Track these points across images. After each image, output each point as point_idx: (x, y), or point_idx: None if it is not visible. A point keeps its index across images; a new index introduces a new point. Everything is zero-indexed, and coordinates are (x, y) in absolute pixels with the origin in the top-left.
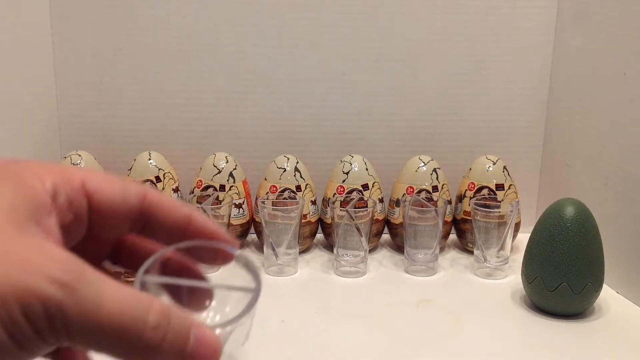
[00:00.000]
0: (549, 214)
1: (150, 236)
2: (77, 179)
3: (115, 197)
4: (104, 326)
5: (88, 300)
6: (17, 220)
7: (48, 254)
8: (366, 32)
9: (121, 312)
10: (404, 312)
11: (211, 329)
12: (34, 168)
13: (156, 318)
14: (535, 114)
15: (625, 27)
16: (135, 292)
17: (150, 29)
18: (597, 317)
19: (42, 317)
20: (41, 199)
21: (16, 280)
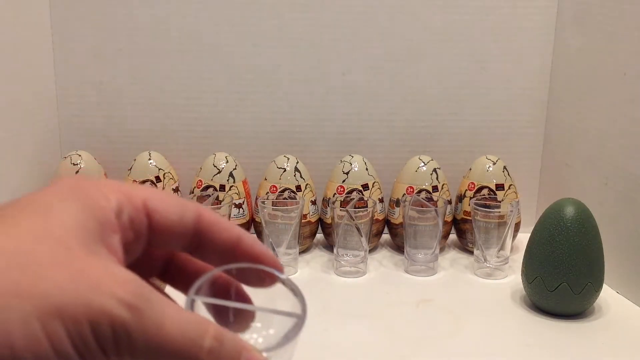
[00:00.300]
0: (549, 214)
1: (200, 254)
2: (139, 197)
3: (173, 216)
4: (164, 347)
5: (151, 322)
6: (86, 241)
7: (116, 275)
8: (366, 32)
9: (180, 335)
10: (404, 312)
11: (260, 353)
12: (101, 187)
13: (211, 342)
14: (535, 114)
15: (625, 27)
16: (194, 316)
17: (150, 29)
18: (597, 317)
19: (109, 336)
20: (107, 217)
21: (88, 300)
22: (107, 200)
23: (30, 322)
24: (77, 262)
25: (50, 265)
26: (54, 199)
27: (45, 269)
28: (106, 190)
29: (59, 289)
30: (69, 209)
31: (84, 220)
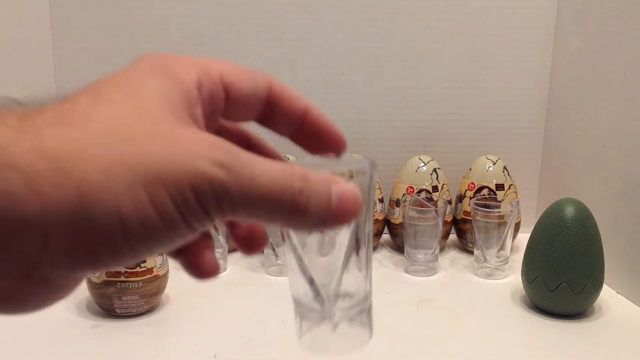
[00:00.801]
0: (549, 214)
1: (270, 124)
2: (217, 71)
3: (248, 88)
4: (260, 196)
5: (245, 176)
6: (175, 112)
7: (206, 140)
8: (366, 32)
9: (271, 182)
10: (404, 312)
11: (349, 183)
12: (181, 62)
13: (299, 183)
14: (535, 114)
15: (625, 27)
16: (281, 165)
17: (150, 29)
18: (597, 317)
19: (210, 195)
20: (190, 91)
21: (187, 164)
22: (189, 74)
23: (135, 189)
24: (170, 133)
25: (147, 137)
26: (142, 75)
27: (143, 141)
28: (187, 65)
29: (158, 157)
30: (157, 84)
31: (171, 93)
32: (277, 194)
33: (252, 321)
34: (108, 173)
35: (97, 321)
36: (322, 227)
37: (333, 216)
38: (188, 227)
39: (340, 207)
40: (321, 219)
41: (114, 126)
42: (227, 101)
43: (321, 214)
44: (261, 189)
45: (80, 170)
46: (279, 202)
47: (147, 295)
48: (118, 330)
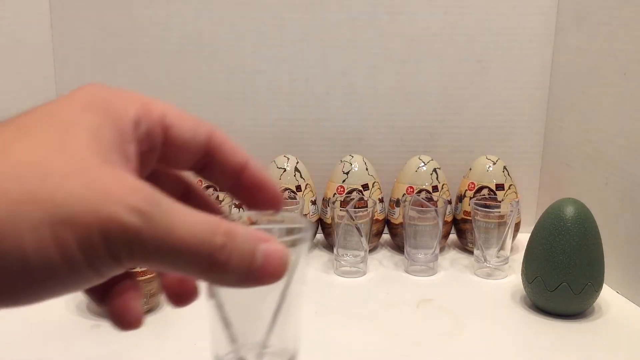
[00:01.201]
0: (549, 214)
1: (207, 175)
2: (158, 111)
3: (188, 133)
4: (177, 249)
5: (162, 226)
6: (101, 151)
7: (127, 183)
8: (366, 32)
9: (192, 235)
10: (404, 312)
11: (278, 244)
12: (120, 96)
13: (222, 239)
14: (535, 114)
15: (625, 27)
16: (204, 216)
17: (150, 29)
18: (597, 317)
19: (121, 243)
20: (125, 127)
21: (100, 207)
22: (126, 110)
23: (40, 228)
24: (91, 173)
25: (65, 176)
26: (73, 109)
27: (59, 179)
28: (126, 101)
29: (71, 197)
30: (88, 120)
31: (102, 131)
32: (195, 247)
33: None
34: (15, 208)
35: (97, 321)
36: (243, 285)
37: (255, 276)
38: (94, 272)
39: (264, 268)
40: (242, 278)
41: (31, 162)
42: (166, 143)
43: (242, 273)
44: (179, 240)
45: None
46: (196, 256)
47: (147, 295)
48: (118, 330)
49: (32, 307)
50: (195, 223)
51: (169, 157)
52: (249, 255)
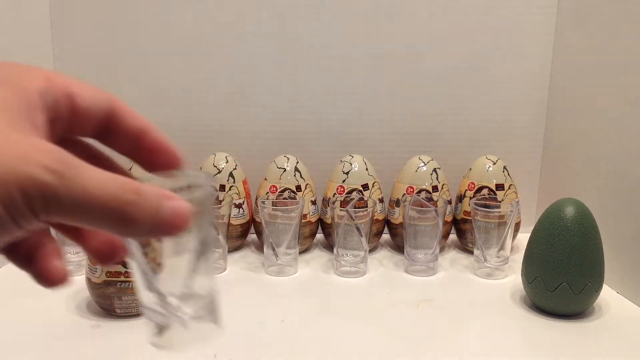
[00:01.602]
0: (549, 214)
1: (110, 141)
2: (61, 82)
3: (90, 99)
4: (90, 205)
5: (76, 184)
6: (11, 119)
7: (41, 147)
8: (366, 32)
9: (104, 192)
10: (404, 312)
11: (180, 199)
12: (25, 70)
13: (131, 196)
14: (535, 114)
15: (625, 26)
16: (114, 176)
17: (150, 29)
18: (597, 317)
19: (38, 200)
20: (31, 98)
21: (16, 169)
22: (31, 82)
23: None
24: (2, 137)
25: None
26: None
27: None
28: (31, 73)
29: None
30: None
31: (9, 102)
32: (107, 203)
33: (252, 321)
34: None
35: (97, 321)
36: (152, 236)
37: (162, 228)
38: (17, 226)
39: (169, 220)
40: (150, 230)
41: None
42: (71, 111)
43: (150, 225)
44: (91, 197)
45: None
46: (108, 211)
47: None
48: (118, 330)
49: (31, 307)
50: (107, 181)
51: (74, 125)
52: (155, 210)
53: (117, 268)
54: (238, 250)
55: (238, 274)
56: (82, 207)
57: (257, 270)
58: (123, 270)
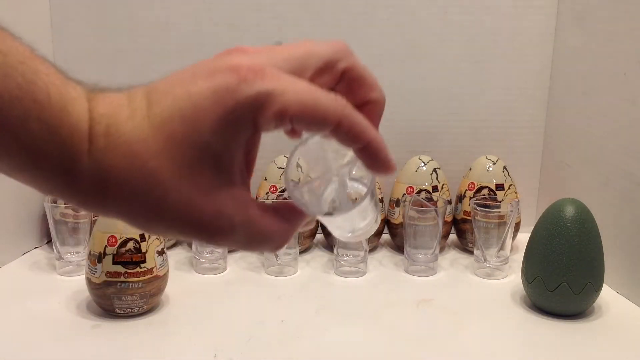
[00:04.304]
0: (549, 214)
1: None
2: (288, 117)
3: (314, 127)
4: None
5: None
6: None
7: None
8: (366, 32)
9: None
10: (404, 312)
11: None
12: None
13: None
14: (535, 114)
15: (625, 27)
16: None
17: (150, 29)
18: (597, 317)
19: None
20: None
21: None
22: (258, 124)
23: None
24: (195, 194)
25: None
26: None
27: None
28: (263, 109)
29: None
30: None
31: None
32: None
33: (252, 321)
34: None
35: (97, 321)
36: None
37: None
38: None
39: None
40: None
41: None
42: None
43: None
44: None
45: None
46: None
47: (147, 295)
48: (118, 330)
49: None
50: (269, 242)
51: None
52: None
53: (117, 268)
54: (238, 250)
55: (238, 274)
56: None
57: (257, 270)
58: (123, 270)
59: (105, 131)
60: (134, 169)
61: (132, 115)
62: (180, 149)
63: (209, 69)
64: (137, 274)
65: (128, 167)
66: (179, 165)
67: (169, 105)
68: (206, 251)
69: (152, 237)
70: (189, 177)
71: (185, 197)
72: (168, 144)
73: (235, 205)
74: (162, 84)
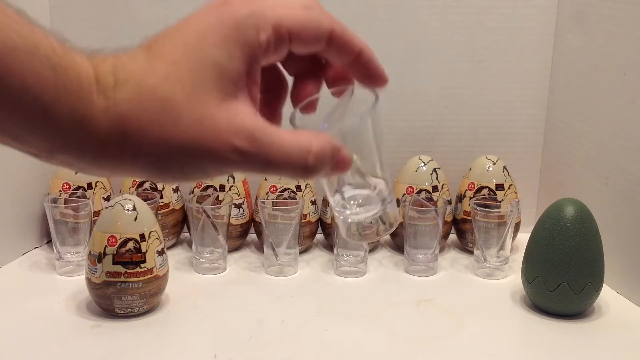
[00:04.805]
0: (549, 214)
1: (324, 56)
2: (285, 28)
3: (311, 39)
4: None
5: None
6: (223, 87)
7: (233, 124)
8: (366, 32)
9: (287, 163)
10: (404, 312)
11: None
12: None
13: (310, 161)
14: (535, 114)
15: (625, 27)
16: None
17: (150, 29)
18: (597, 317)
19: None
20: (253, 54)
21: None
22: (257, 38)
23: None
24: (207, 108)
25: (184, 106)
26: (208, 34)
27: (179, 110)
28: (257, 24)
29: (187, 130)
30: (216, 54)
31: (229, 66)
32: (288, 169)
33: (252, 321)
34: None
35: (97, 321)
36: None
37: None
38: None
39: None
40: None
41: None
42: (289, 54)
43: (322, 174)
44: (274, 167)
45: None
46: (289, 172)
47: (147, 295)
48: (118, 330)
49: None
50: (290, 151)
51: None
52: (330, 163)
53: (117, 268)
54: (238, 250)
55: (238, 274)
56: (266, 172)
57: (257, 270)
58: (123, 270)
59: (113, 70)
60: (145, 99)
61: (134, 56)
62: (185, 70)
63: (200, 12)
64: (137, 274)
65: (139, 99)
66: (186, 85)
67: (170, 40)
68: (206, 251)
69: (152, 237)
70: (198, 95)
71: (197, 114)
72: (173, 68)
73: (247, 113)
74: (158, 36)
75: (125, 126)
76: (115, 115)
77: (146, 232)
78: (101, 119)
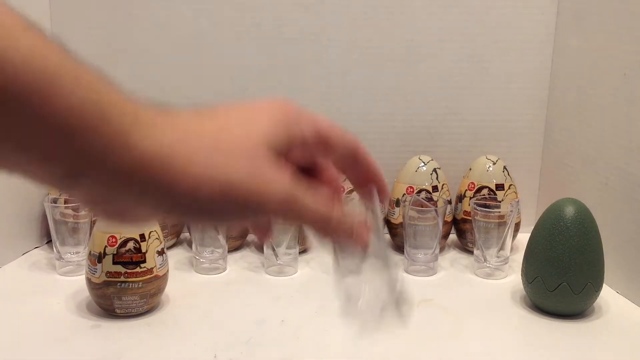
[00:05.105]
0: (549, 214)
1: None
2: (323, 134)
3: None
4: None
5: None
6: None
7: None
8: (366, 32)
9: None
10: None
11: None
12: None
13: (335, 221)
14: (535, 114)
15: (625, 27)
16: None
17: (150, 29)
18: (597, 317)
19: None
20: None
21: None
22: (301, 129)
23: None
24: (258, 161)
25: (239, 155)
26: (264, 111)
27: (233, 156)
28: (304, 123)
29: (241, 169)
30: (269, 125)
31: (277, 137)
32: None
33: (252, 321)
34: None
35: (97, 321)
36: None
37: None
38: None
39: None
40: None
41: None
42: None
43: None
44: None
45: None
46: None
47: (147, 295)
48: (118, 330)
49: (31, 307)
50: (318, 210)
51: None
52: (349, 229)
53: (117, 268)
54: (238, 250)
55: (238, 274)
56: (298, 222)
57: (257, 270)
58: (123, 270)
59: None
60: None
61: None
62: (236, 128)
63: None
64: (137, 274)
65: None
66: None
67: (222, 110)
68: (206, 251)
69: (152, 237)
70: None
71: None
72: (224, 122)
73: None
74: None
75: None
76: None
77: (146, 232)
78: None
